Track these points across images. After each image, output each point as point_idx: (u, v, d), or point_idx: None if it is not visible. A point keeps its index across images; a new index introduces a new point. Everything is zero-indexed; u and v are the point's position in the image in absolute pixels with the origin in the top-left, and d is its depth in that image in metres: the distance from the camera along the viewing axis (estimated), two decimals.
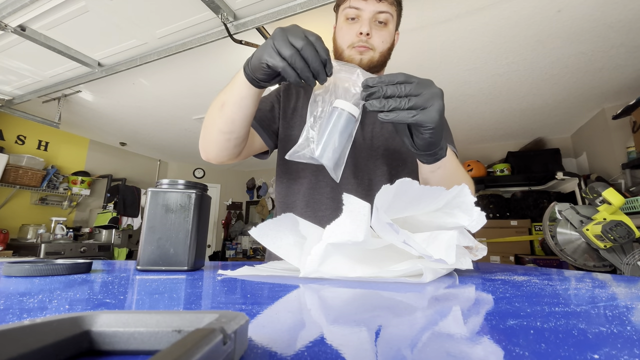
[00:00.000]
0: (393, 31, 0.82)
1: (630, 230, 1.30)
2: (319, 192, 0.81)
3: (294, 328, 0.19)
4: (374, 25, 0.78)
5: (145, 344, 0.13)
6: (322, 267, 0.37)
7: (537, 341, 0.16)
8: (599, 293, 0.29)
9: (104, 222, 3.62)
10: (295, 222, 0.43)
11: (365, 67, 0.80)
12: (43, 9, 1.60)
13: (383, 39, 0.79)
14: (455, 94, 2.66)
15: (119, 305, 0.24)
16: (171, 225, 0.44)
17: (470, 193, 0.40)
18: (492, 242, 3.14)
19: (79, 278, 0.35)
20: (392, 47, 0.84)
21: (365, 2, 0.76)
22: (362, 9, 0.76)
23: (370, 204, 0.38)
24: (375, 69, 0.83)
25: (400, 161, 0.83)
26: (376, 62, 0.80)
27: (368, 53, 0.79)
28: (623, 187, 2.52)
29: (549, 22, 1.78)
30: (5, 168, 2.92)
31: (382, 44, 0.79)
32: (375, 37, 0.78)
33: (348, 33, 0.79)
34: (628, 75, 2.31)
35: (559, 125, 3.29)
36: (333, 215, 0.77)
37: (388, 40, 0.80)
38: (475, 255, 0.43)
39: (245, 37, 1.79)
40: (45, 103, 2.84)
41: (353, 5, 0.76)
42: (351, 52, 0.79)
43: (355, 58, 0.79)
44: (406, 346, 0.15)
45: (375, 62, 0.80)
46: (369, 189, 0.81)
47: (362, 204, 0.36)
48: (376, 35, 0.78)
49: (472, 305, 0.25)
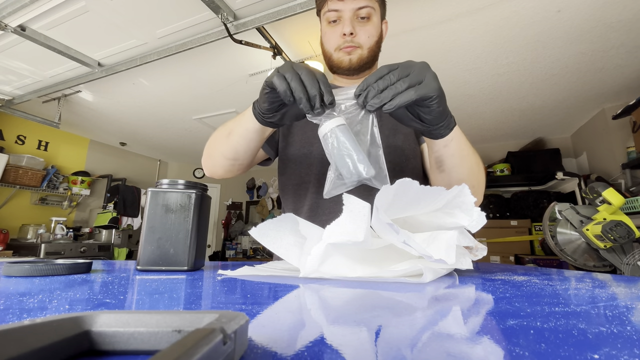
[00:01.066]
0: (378, 23, 0.79)
1: (630, 230, 1.30)
2: (322, 197, 0.80)
3: (294, 328, 0.19)
4: (356, 22, 0.76)
5: (145, 344, 0.13)
6: (322, 267, 0.37)
7: (537, 341, 0.16)
8: (599, 293, 0.29)
9: (104, 222, 3.62)
10: (295, 222, 0.43)
11: (355, 66, 0.79)
12: (43, 9, 1.60)
13: (369, 34, 0.77)
14: (455, 94, 2.66)
15: (119, 305, 0.24)
16: (171, 225, 0.44)
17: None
18: (492, 242, 3.14)
19: (79, 278, 0.35)
20: (380, 40, 0.82)
21: (343, 2, 0.74)
22: (341, 10, 0.75)
23: (371, 204, 0.38)
24: (367, 66, 0.82)
25: (403, 157, 0.81)
26: (366, 58, 0.79)
27: (356, 52, 0.77)
28: (623, 187, 2.52)
29: (549, 22, 1.78)
30: (5, 168, 2.92)
31: (368, 39, 0.77)
32: (361, 34, 0.76)
33: (332, 36, 0.78)
34: (628, 75, 2.31)
35: (559, 125, 3.29)
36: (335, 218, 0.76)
37: (374, 34, 0.78)
38: (475, 255, 0.43)
39: (245, 37, 1.79)
40: (45, 103, 2.84)
41: (332, 8, 0.75)
42: (339, 55, 0.78)
43: (344, 60, 0.78)
44: (406, 346, 0.15)
45: (365, 59, 0.79)
46: (370, 189, 0.80)
47: (362, 204, 0.36)
48: (361, 31, 0.76)
49: (472, 305, 0.25)
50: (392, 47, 2.05)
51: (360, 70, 0.82)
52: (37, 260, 0.40)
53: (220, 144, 0.67)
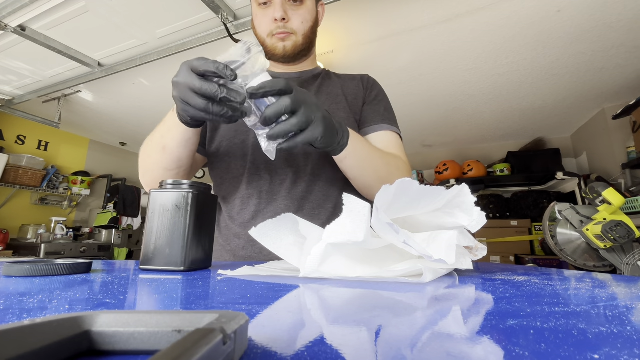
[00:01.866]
0: (313, 7, 0.75)
1: (630, 230, 1.30)
2: (253, 187, 0.74)
3: (294, 328, 0.19)
4: (289, 6, 0.71)
5: (145, 344, 0.13)
6: (322, 267, 0.37)
7: (537, 341, 0.16)
8: (599, 293, 0.29)
9: (104, 222, 3.62)
10: (295, 222, 0.43)
11: (290, 54, 0.75)
12: (43, 9, 1.60)
13: (302, 19, 0.73)
14: (455, 94, 2.66)
15: (119, 305, 0.24)
16: (168, 225, 0.44)
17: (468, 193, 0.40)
18: (492, 242, 3.14)
19: (78, 278, 0.35)
20: (316, 25, 0.77)
21: None
22: None
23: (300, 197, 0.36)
24: (302, 54, 0.78)
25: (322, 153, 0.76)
26: (301, 46, 0.75)
27: (290, 39, 0.73)
28: (623, 187, 2.52)
29: (549, 22, 1.78)
30: (5, 168, 2.92)
31: (302, 25, 0.73)
32: (294, 19, 0.72)
33: (263, 20, 0.72)
34: (628, 75, 2.31)
35: (559, 125, 3.29)
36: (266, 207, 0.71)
37: (309, 19, 0.74)
38: (475, 255, 0.43)
39: (245, 37, 1.79)
40: (45, 103, 2.84)
41: None
42: (272, 41, 0.74)
43: (278, 46, 0.74)
44: (406, 346, 0.15)
45: (299, 46, 0.75)
46: (305, 173, 0.73)
47: (362, 204, 0.36)
48: (294, 16, 0.72)
49: (472, 305, 0.25)
50: (392, 47, 2.06)
51: (295, 58, 0.78)
52: (36, 260, 0.40)
53: (159, 159, 0.64)
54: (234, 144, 0.76)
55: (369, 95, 0.83)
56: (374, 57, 2.18)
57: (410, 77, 2.44)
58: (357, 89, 0.84)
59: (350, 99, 0.81)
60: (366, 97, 0.83)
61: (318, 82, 0.83)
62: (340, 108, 0.79)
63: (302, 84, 0.81)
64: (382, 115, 0.79)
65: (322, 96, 0.81)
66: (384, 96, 0.85)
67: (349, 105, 0.80)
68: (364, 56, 2.17)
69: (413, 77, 2.43)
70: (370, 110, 0.81)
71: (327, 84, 0.84)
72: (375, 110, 0.80)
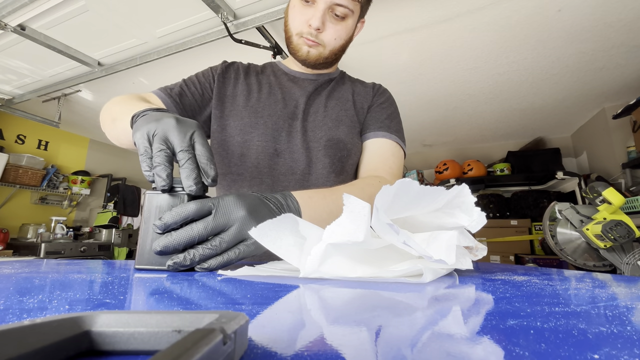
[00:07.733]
0: (352, 26, 0.73)
1: (630, 229, 1.30)
2: (254, 190, 0.72)
3: (294, 328, 0.19)
4: (329, 17, 0.68)
5: (145, 344, 0.13)
6: (322, 267, 0.37)
7: (537, 341, 0.16)
8: (599, 293, 0.29)
9: (104, 222, 3.63)
10: (295, 223, 0.43)
11: (311, 62, 0.73)
12: (43, 8, 1.60)
13: (337, 35, 0.70)
14: (455, 94, 2.66)
15: (119, 305, 0.24)
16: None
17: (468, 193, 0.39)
18: (492, 242, 3.14)
19: (79, 278, 0.35)
20: (348, 43, 0.76)
21: None
22: None
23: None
24: (324, 65, 0.76)
25: (345, 151, 0.75)
26: (324, 59, 0.73)
27: (317, 48, 0.71)
28: (623, 186, 2.52)
29: (549, 22, 1.78)
30: (5, 167, 2.92)
31: (334, 41, 0.71)
32: (328, 33, 0.69)
33: (299, 18, 0.69)
34: (628, 74, 2.30)
35: (559, 125, 3.29)
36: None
37: (343, 37, 0.72)
38: (475, 255, 0.43)
39: (245, 36, 1.79)
40: (45, 102, 2.83)
41: None
42: (299, 42, 0.71)
43: (302, 49, 0.71)
44: (406, 346, 0.15)
45: (323, 58, 0.73)
46: (307, 181, 0.72)
47: (362, 204, 0.36)
48: (330, 29, 0.69)
49: (472, 305, 0.25)
50: (392, 47, 2.05)
51: (315, 67, 0.77)
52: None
53: (111, 130, 0.61)
54: (238, 144, 0.76)
55: (375, 101, 0.84)
56: (374, 56, 2.18)
57: (410, 77, 2.44)
58: (367, 95, 0.84)
59: (358, 105, 0.82)
60: (372, 103, 0.83)
61: (331, 86, 0.83)
62: (348, 115, 0.79)
63: (316, 87, 0.82)
64: (382, 122, 0.79)
65: (331, 100, 0.81)
66: (390, 104, 0.84)
67: (356, 112, 0.81)
68: (364, 56, 2.17)
69: (413, 77, 2.43)
70: (371, 117, 0.81)
71: (339, 88, 0.84)
72: (376, 117, 0.80)
